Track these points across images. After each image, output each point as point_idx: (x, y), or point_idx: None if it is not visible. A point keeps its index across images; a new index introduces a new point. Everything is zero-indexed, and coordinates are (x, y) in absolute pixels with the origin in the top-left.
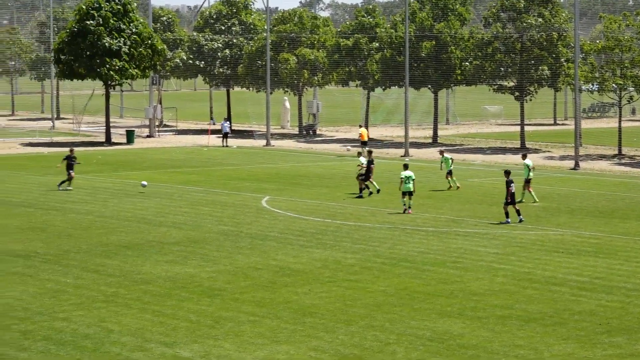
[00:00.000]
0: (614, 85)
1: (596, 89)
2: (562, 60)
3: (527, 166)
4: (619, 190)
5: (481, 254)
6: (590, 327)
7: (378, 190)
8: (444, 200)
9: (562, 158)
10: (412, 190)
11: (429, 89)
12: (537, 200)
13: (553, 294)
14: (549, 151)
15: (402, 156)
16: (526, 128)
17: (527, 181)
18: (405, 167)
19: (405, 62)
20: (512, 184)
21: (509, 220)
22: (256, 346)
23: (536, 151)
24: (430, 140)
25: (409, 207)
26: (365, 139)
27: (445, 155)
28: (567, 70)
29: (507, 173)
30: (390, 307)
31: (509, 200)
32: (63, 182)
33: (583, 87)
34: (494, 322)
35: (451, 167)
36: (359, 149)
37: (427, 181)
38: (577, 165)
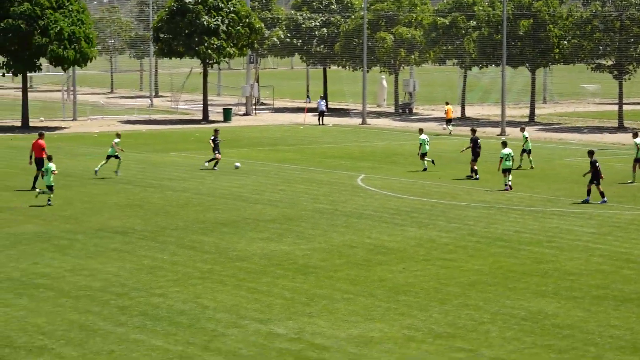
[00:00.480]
0: None
1: None
2: None
3: (637, 145)
4: None
5: (577, 234)
6: None
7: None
8: (540, 179)
9: None
10: (512, 167)
11: (526, 67)
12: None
13: None
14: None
15: (498, 135)
16: (624, 107)
17: (638, 160)
18: (504, 144)
19: (502, 40)
20: (596, 164)
21: (589, 198)
22: (350, 324)
23: (635, 130)
24: (527, 120)
25: (509, 185)
26: (451, 116)
27: (525, 133)
28: None
29: (590, 153)
30: (485, 286)
31: (595, 181)
32: (210, 161)
33: None
34: (589, 302)
35: (530, 147)
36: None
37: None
38: None
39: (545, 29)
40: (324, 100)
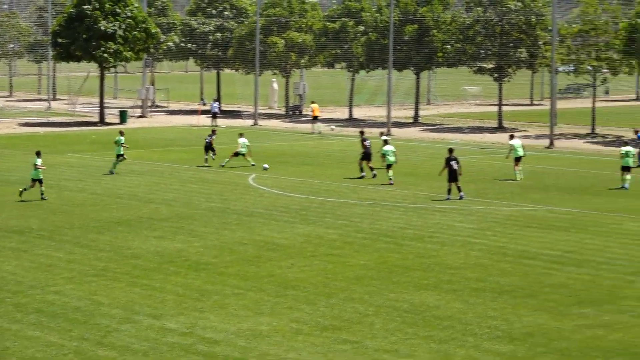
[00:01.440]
0: (589, 67)
1: (572, 70)
2: (540, 43)
3: (514, 145)
4: (591, 168)
5: (457, 229)
6: (561, 299)
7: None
8: (423, 177)
9: (538, 137)
10: (395, 162)
11: (411, 70)
12: (519, 178)
13: (525, 267)
14: (525, 130)
15: (381, 133)
16: (504, 108)
17: (518, 159)
18: (385, 142)
19: (389, 44)
20: (452, 162)
21: (450, 197)
22: (240, 318)
23: (513, 130)
24: (411, 120)
25: (390, 179)
26: (317, 114)
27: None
28: (544, 52)
29: (449, 151)
30: (370, 280)
31: (450, 177)
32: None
33: (559, 69)
34: (468, 294)
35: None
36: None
37: (407, 159)
38: (551, 143)
39: (429, 34)
40: (218, 103)
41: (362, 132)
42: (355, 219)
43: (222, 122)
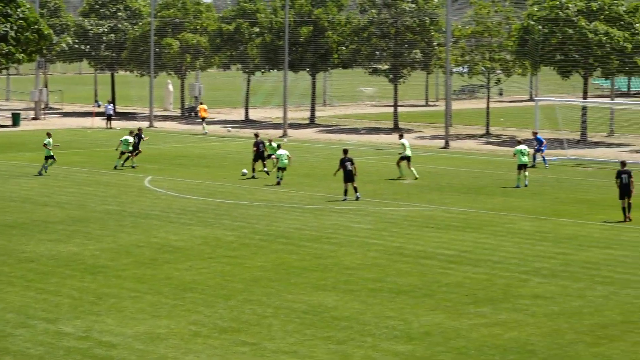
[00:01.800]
0: (482, 68)
1: (466, 71)
2: (434, 44)
3: (404, 145)
4: (486, 168)
5: (355, 230)
6: (458, 298)
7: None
8: (320, 179)
9: (433, 137)
10: (288, 165)
11: (307, 72)
12: (415, 178)
13: (422, 267)
14: (420, 131)
15: (280, 136)
16: (399, 109)
17: (408, 158)
18: (279, 147)
19: (284, 46)
20: (346, 162)
21: (347, 197)
22: (137, 321)
23: (408, 131)
24: (307, 121)
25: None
26: (204, 115)
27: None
28: (438, 54)
29: (344, 151)
30: (268, 281)
31: (347, 178)
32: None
33: (454, 70)
34: (366, 294)
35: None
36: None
37: (303, 160)
38: (447, 144)
39: (324, 35)
40: (112, 105)
41: (256, 135)
42: (252, 220)
43: (116, 124)
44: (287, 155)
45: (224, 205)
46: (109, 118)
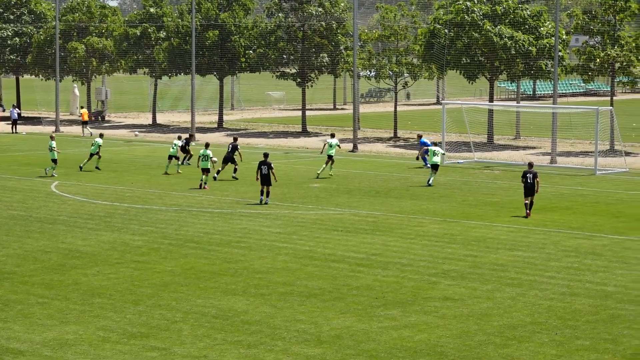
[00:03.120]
0: (390, 71)
1: (373, 75)
2: (342, 48)
3: (332, 143)
4: (394, 171)
5: (264, 234)
6: (367, 301)
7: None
8: (229, 183)
9: (341, 141)
10: (209, 167)
11: (214, 75)
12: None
13: (332, 271)
14: (329, 135)
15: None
16: (307, 113)
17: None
18: (207, 145)
19: (191, 50)
20: (262, 166)
21: (263, 198)
22: (45, 327)
23: (317, 135)
24: (215, 125)
25: (205, 183)
26: (86, 119)
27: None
28: (346, 57)
29: (264, 155)
30: (177, 286)
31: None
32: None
33: (361, 74)
34: (276, 298)
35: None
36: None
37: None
38: (355, 147)
39: (231, 39)
40: (17, 109)
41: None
42: (160, 225)
43: (22, 128)
44: (210, 157)
45: (133, 210)
46: (14, 122)
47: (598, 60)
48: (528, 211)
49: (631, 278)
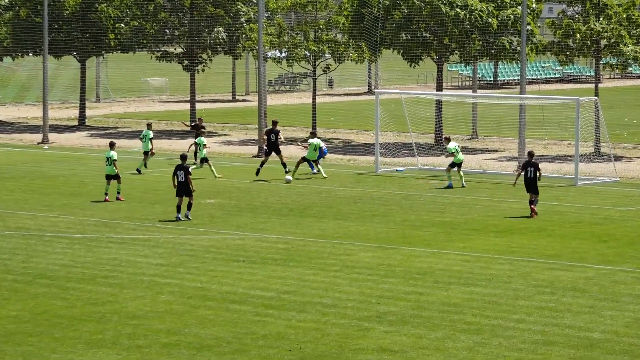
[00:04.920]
0: (306, 51)
1: (284, 56)
2: (243, 20)
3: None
4: (313, 183)
5: (141, 266)
6: (279, 355)
7: None
8: (93, 197)
9: (243, 143)
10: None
11: (74, 57)
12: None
13: (232, 314)
14: (226, 134)
15: (39, 143)
16: (198, 105)
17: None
18: (112, 145)
19: (43, 23)
20: (179, 171)
21: (179, 216)
22: None
23: (210, 134)
24: (76, 123)
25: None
26: None
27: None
28: (248, 32)
29: (182, 157)
30: (24, 336)
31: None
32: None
33: (268, 54)
34: (158, 351)
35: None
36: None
37: (71, 176)
38: (261, 151)
39: (96, 9)
40: None
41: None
42: (3, 255)
43: None
44: (114, 159)
45: None
46: None
47: (578, 36)
48: (533, 209)
49: (623, 322)
